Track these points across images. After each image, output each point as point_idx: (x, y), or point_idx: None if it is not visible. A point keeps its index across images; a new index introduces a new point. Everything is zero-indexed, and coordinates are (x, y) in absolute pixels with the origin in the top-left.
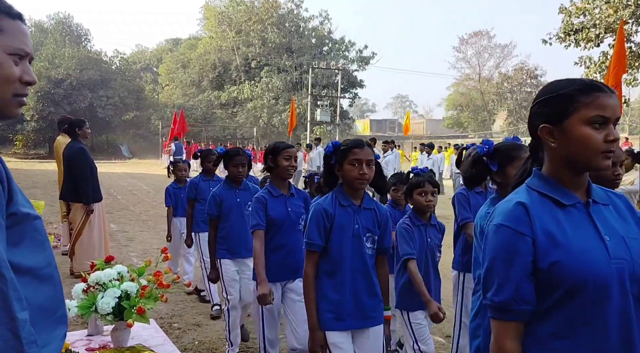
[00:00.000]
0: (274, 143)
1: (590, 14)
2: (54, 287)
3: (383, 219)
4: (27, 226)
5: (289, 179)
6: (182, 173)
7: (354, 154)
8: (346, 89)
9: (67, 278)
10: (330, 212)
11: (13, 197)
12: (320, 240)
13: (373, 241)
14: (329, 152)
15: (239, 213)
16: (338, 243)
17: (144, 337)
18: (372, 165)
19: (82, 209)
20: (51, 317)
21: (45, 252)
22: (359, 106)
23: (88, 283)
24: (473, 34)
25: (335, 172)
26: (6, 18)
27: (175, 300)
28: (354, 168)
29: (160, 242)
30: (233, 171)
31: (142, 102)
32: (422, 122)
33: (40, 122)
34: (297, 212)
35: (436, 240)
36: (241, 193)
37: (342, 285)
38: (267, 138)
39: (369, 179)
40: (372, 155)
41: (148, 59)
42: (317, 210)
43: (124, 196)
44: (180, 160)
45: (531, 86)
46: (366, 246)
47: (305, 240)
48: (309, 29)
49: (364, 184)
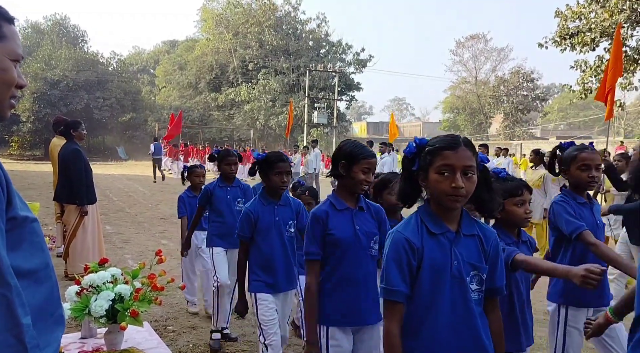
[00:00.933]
0: (350, 145)
1: (585, 18)
2: (52, 288)
3: (492, 248)
4: (25, 229)
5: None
6: (199, 180)
7: (443, 158)
8: (343, 91)
9: (62, 280)
10: (415, 244)
11: (12, 201)
12: (404, 286)
13: (480, 281)
14: (410, 153)
15: (278, 234)
16: (430, 289)
17: (137, 340)
18: (473, 173)
19: (76, 211)
20: (50, 318)
21: (44, 254)
22: (356, 109)
23: (82, 285)
24: (470, 38)
25: (418, 182)
26: (6, 24)
27: (170, 302)
28: (443, 179)
29: (156, 244)
30: (276, 181)
31: (139, 104)
32: (419, 125)
33: (36, 123)
34: (369, 232)
35: None
36: (281, 209)
37: (440, 347)
38: (263, 140)
39: (467, 194)
40: (471, 159)
41: (145, 60)
42: (396, 241)
43: (120, 197)
44: (198, 165)
45: (527, 90)
46: (471, 290)
47: (382, 286)
48: (306, 32)
49: (459, 202)
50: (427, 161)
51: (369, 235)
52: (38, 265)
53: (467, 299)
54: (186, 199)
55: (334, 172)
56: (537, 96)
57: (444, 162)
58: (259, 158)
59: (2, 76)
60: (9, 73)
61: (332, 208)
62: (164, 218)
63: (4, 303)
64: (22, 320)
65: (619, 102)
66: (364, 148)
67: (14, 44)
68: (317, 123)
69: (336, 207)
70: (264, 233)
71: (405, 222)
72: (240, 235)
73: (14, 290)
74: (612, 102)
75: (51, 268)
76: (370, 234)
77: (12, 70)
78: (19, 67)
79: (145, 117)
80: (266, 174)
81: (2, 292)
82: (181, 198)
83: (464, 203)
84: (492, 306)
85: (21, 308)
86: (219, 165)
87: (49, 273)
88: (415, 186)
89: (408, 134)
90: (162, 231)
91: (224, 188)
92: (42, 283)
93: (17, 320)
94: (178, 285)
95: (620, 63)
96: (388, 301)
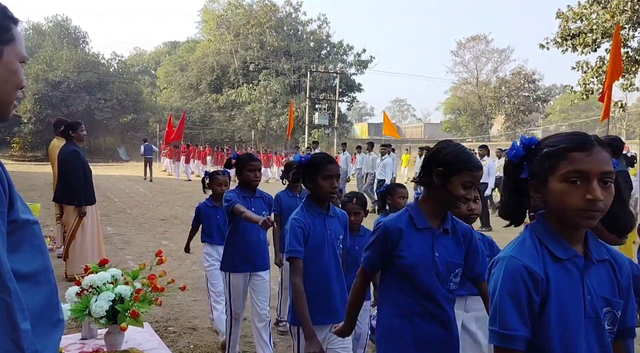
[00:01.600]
0: (455, 149)
1: (587, 19)
2: (51, 292)
3: (624, 277)
4: (26, 232)
5: None
6: (220, 189)
7: (573, 162)
8: (344, 92)
9: (62, 281)
10: (537, 274)
11: (14, 204)
12: (523, 327)
13: (614, 321)
14: (516, 156)
15: (332, 251)
16: (560, 332)
17: (137, 341)
18: (612, 182)
19: (75, 212)
20: (48, 321)
21: (44, 257)
22: (357, 110)
23: (82, 286)
24: (471, 39)
25: (533, 194)
26: (14, 26)
27: (171, 303)
28: (573, 189)
29: (157, 245)
30: (325, 186)
31: (140, 105)
32: (420, 126)
33: (38, 124)
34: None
35: None
36: (330, 221)
37: None
38: (265, 141)
39: (605, 208)
40: (610, 163)
41: (146, 61)
42: (512, 269)
43: (121, 198)
44: (220, 171)
45: (529, 90)
46: (606, 330)
47: (494, 329)
48: (307, 33)
49: (595, 218)
50: (545, 167)
51: (450, 266)
52: (38, 268)
53: (605, 345)
54: (203, 211)
55: (424, 180)
56: (538, 97)
57: (575, 167)
58: (302, 161)
59: (13, 79)
60: (18, 75)
61: (409, 224)
62: (164, 219)
63: (3, 307)
64: (21, 325)
65: (620, 103)
66: (472, 156)
67: (20, 45)
68: (318, 124)
69: (416, 224)
70: (316, 250)
71: (517, 245)
72: (292, 252)
73: (14, 294)
74: (609, 103)
75: (51, 271)
76: (451, 265)
77: (21, 72)
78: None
79: (146, 119)
80: (313, 179)
81: (2, 297)
82: (199, 209)
83: (597, 221)
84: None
85: (20, 313)
86: (239, 171)
87: (49, 276)
88: (523, 199)
89: (409, 135)
90: (162, 232)
91: (247, 198)
92: (41, 286)
93: (16, 325)
94: (178, 286)
95: (620, 64)
96: (502, 350)
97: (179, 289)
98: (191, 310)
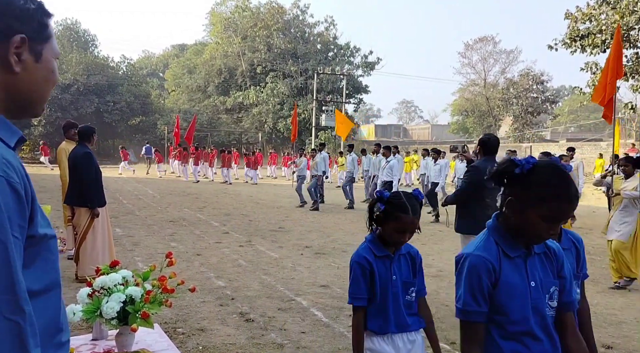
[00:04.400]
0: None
1: (596, 20)
2: (58, 310)
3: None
4: (42, 247)
5: None
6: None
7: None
8: (351, 94)
9: (73, 283)
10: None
11: (34, 218)
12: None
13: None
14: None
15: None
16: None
17: (148, 342)
18: None
19: (87, 214)
20: (51, 340)
21: (56, 273)
22: (364, 112)
23: (93, 287)
24: (478, 40)
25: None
26: (50, 22)
27: (180, 304)
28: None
29: (165, 247)
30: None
31: (148, 108)
32: (428, 127)
33: (48, 127)
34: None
35: None
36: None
37: None
38: (271, 143)
39: None
40: None
41: (154, 64)
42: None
43: (129, 200)
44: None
45: (537, 92)
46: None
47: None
48: (314, 35)
49: None
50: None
51: (548, 293)
52: (48, 285)
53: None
54: (366, 267)
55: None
56: (547, 99)
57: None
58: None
59: (51, 77)
60: (55, 73)
61: (501, 251)
62: (173, 220)
63: (16, 331)
64: (32, 351)
65: (630, 105)
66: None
67: (55, 42)
68: (324, 126)
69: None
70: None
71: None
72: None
73: (28, 318)
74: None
75: (60, 289)
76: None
77: (57, 69)
78: None
79: (154, 121)
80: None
81: (16, 320)
82: (356, 265)
83: None
84: None
85: (32, 338)
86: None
87: (58, 294)
88: None
89: (416, 136)
90: (171, 234)
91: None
92: (49, 304)
93: (27, 352)
94: (188, 287)
95: (620, 65)
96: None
97: (189, 290)
98: (200, 312)
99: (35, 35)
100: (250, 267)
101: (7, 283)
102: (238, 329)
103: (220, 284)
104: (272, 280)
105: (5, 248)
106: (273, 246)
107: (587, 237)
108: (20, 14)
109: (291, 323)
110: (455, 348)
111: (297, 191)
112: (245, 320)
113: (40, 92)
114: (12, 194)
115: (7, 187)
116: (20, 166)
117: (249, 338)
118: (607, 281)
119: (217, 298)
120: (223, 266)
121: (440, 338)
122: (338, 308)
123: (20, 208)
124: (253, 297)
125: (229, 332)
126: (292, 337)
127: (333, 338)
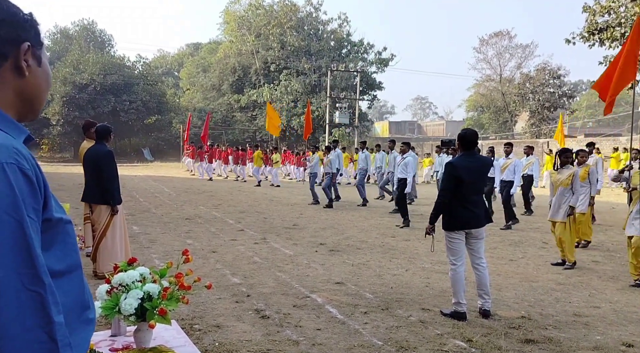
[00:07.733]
0: None
1: (615, 13)
2: (82, 289)
3: None
4: (59, 230)
5: None
6: None
7: None
8: (365, 91)
9: (91, 279)
10: None
11: (48, 203)
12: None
13: None
14: None
15: None
16: None
17: (165, 338)
18: None
19: (107, 211)
20: (79, 317)
21: (76, 255)
22: (377, 108)
23: (111, 284)
24: (493, 35)
25: None
26: None
27: (196, 301)
28: None
29: (181, 244)
30: None
31: (164, 106)
32: (442, 124)
33: (66, 126)
34: None
35: None
36: None
37: None
38: (285, 141)
39: None
40: None
41: (169, 63)
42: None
43: (146, 198)
44: None
45: (554, 87)
46: None
47: None
48: (327, 32)
49: None
50: None
51: None
52: (70, 265)
53: None
54: None
55: None
56: (564, 93)
57: None
58: None
59: (50, 80)
60: (50, 77)
61: None
62: (189, 218)
63: (38, 300)
64: (55, 318)
65: None
66: None
67: None
68: (338, 123)
69: None
70: None
71: None
72: None
73: (48, 288)
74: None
75: (82, 269)
76: None
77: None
78: None
79: (170, 119)
80: None
81: (36, 290)
82: None
83: None
84: None
85: (54, 306)
86: None
87: (80, 274)
88: None
89: (431, 133)
90: (187, 232)
91: None
92: (73, 283)
93: (50, 318)
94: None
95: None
96: None
97: (205, 287)
98: (216, 308)
99: (35, 42)
100: (265, 264)
101: (26, 257)
102: (254, 326)
103: (235, 281)
104: (287, 277)
105: (21, 226)
106: (288, 244)
107: (607, 234)
108: (24, 23)
109: (306, 320)
110: (471, 346)
111: (311, 190)
112: (261, 316)
113: (43, 95)
114: (24, 179)
115: (19, 173)
116: (30, 156)
117: (265, 334)
118: (627, 279)
119: (233, 295)
120: (238, 263)
121: (456, 336)
122: (353, 305)
123: (34, 192)
124: (268, 294)
125: (245, 328)
126: (307, 334)
127: (348, 335)
